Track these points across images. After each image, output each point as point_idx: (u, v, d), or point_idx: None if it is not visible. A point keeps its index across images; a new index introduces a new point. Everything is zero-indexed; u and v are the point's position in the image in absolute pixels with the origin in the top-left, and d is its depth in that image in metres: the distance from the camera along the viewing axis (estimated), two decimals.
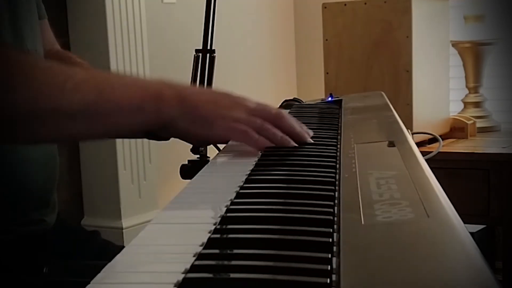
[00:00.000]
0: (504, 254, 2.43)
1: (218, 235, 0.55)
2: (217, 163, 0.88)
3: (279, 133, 0.87)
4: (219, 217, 0.59)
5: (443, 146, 2.29)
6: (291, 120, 0.90)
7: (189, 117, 0.83)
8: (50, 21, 1.21)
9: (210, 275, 0.48)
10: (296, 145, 0.88)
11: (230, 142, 0.95)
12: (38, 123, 0.78)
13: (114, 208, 2.59)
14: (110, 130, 0.84)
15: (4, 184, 0.95)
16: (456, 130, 2.66)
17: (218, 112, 0.85)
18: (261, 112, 0.88)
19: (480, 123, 2.76)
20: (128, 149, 2.58)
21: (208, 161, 1.15)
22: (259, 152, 0.87)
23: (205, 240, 0.53)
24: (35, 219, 1.00)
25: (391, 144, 0.80)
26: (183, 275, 0.47)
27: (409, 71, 2.38)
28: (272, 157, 0.84)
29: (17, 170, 0.96)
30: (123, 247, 0.58)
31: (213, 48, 1.56)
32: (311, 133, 0.92)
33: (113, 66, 2.49)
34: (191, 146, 1.49)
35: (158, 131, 0.87)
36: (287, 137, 0.88)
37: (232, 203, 0.64)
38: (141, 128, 0.85)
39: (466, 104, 2.83)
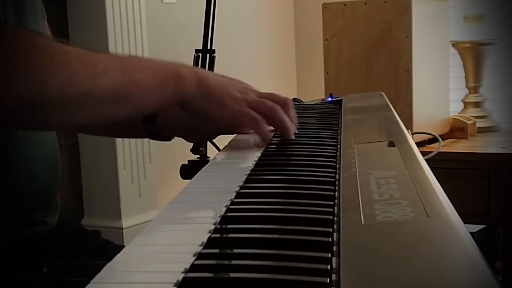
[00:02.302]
0: (504, 254, 2.43)
1: (218, 235, 0.55)
2: (217, 163, 0.88)
3: (288, 121, 0.92)
4: (219, 216, 0.59)
5: (443, 146, 2.29)
6: (293, 110, 0.95)
7: (205, 97, 0.88)
8: (50, 21, 1.21)
9: (210, 275, 0.48)
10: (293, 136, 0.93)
11: (230, 142, 0.96)
12: (73, 107, 0.80)
13: (114, 208, 2.59)
14: (136, 109, 0.86)
15: (7, 185, 0.95)
16: (456, 130, 2.66)
17: (232, 95, 0.89)
18: (270, 96, 0.93)
19: (480, 123, 2.76)
20: (128, 149, 2.58)
21: (208, 161, 1.15)
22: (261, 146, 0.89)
23: (205, 239, 0.53)
24: (37, 220, 1.00)
25: (391, 144, 0.79)
26: (183, 275, 0.47)
27: (409, 71, 2.38)
28: (272, 157, 0.84)
29: (20, 171, 0.96)
30: (123, 247, 0.58)
31: (213, 48, 1.56)
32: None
33: None
34: (191, 146, 1.48)
35: (181, 107, 0.90)
36: (293, 125, 0.93)
37: (232, 203, 0.64)
38: (162, 105, 0.88)
39: (466, 104, 2.83)
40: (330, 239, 0.51)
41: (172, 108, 0.92)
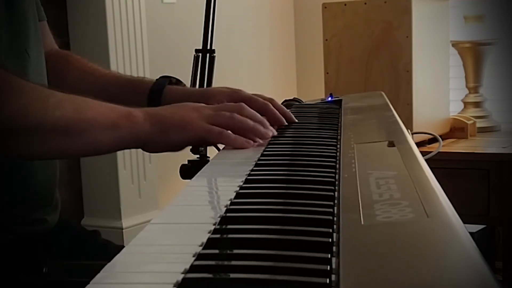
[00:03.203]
0: (504, 254, 2.43)
1: (217, 235, 0.55)
2: (217, 163, 0.88)
3: (250, 121, 0.92)
4: (219, 217, 0.59)
5: (443, 146, 2.29)
6: (251, 110, 0.95)
7: (161, 129, 0.88)
8: (50, 21, 1.21)
9: (210, 275, 0.47)
10: (268, 132, 0.93)
11: None
12: (24, 138, 0.83)
13: (114, 208, 2.58)
14: (89, 147, 0.87)
15: (6, 184, 0.95)
16: (456, 130, 2.66)
17: (188, 116, 0.90)
18: (224, 107, 0.93)
19: (480, 123, 2.75)
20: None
21: (208, 161, 1.15)
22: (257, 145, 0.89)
23: (204, 240, 0.53)
24: (37, 218, 1.00)
25: (391, 144, 0.79)
26: (182, 275, 0.47)
27: (409, 71, 2.38)
28: (272, 157, 0.84)
29: (19, 169, 0.96)
30: (123, 247, 0.58)
31: (213, 48, 1.55)
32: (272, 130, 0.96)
33: (113, 66, 2.49)
34: (190, 146, 1.48)
35: (142, 149, 0.91)
36: (258, 125, 0.93)
37: (232, 203, 0.64)
38: (118, 145, 0.89)
39: (466, 104, 2.83)
40: (330, 240, 0.51)
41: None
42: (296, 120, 1.05)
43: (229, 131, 0.91)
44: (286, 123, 1.03)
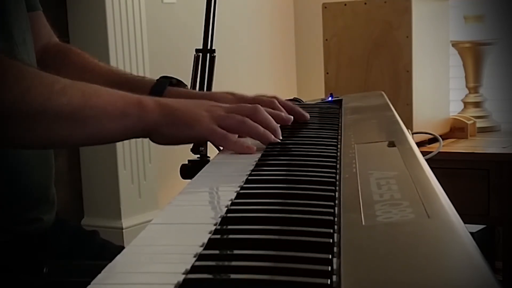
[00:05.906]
0: (504, 254, 2.43)
1: (218, 236, 0.54)
2: (217, 163, 0.88)
3: (260, 128, 0.89)
4: (220, 217, 0.59)
5: (443, 146, 2.29)
6: (266, 115, 0.92)
7: (170, 121, 0.87)
8: (50, 21, 1.21)
9: (211, 276, 0.47)
10: (277, 139, 0.90)
11: None
12: (27, 124, 0.80)
13: (114, 208, 2.58)
14: (95, 135, 0.85)
15: (0, 183, 0.95)
16: (456, 130, 2.66)
17: (197, 115, 0.88)
18: (238, 109, 0.91)
19: (480, 123, 2.76)
20: (128, 149, 2.58)
21: (208, 161, 1.15)
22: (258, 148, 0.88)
23: (205, 240, 0.53)
24: (33, 217, 0.99)
25: (391, 144, 0.79)
26: (183, 276, 0.47)
27: (409, 71, 2.38)
28: (272, 157, 0.84)
29: (12, 167, 0.95)
30: (122, 247, 0.58)
31: (213, 48, 1.55)
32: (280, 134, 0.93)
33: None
34: (191, 146, 1.48)
35: (144, 137, 0.89)
36: (268, 132, 0.90)
37: (233, 204, 0.64)
38: (126, 134, 0.87)
39: (466, 104, 2.83)
40: (331, 240, 0.51)
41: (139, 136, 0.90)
42: (308, 115, 1.03)
43: (235, 135, 0.89)
44: (289, 123, 1.00)
